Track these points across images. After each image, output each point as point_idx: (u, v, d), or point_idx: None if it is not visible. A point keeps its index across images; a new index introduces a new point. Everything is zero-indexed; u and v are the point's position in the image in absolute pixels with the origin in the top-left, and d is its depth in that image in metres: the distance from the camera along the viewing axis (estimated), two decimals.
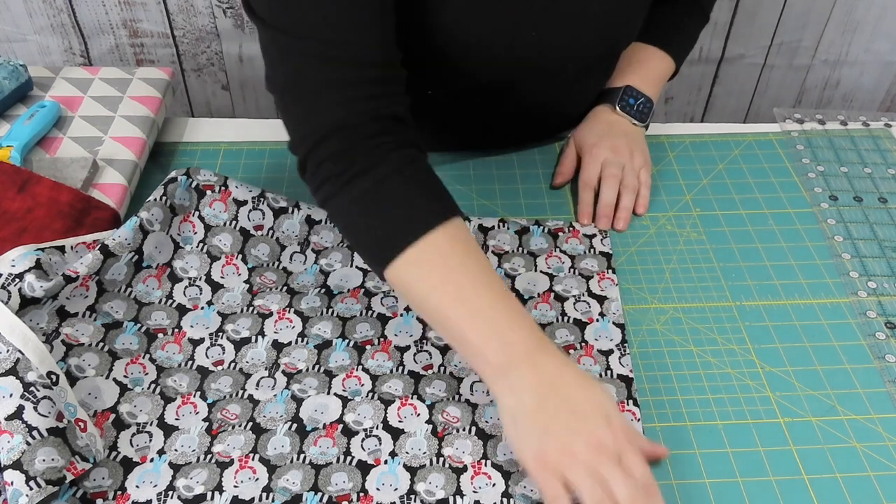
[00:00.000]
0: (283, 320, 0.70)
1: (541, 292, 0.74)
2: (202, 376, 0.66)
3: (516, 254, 0.77)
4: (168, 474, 0.60)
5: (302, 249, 0.76)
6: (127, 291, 0.69)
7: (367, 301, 0.72)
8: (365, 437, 0.63)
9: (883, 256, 0.80)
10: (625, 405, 0.65)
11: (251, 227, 0.75)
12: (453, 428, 0.63)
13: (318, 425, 0.63)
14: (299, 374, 0.67)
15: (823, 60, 1.43)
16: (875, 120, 0.97)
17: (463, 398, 0.66)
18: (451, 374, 0.67)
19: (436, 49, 0.72)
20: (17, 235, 0.71)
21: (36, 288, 0.62)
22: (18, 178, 0.75)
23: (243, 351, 0.68)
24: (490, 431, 0.63)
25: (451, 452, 0.62)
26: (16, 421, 0.56)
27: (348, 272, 0.75)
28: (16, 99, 0.89)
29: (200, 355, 0.68)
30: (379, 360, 0.68)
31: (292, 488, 0.59)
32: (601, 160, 0.85)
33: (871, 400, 0.68)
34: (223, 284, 0.73)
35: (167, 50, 1.34)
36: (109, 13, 1.28)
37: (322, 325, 0.70)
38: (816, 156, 0.92)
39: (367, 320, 0.71)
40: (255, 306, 0.71)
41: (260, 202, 0.76)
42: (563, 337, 0.70)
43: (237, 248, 0.74)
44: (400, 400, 0.65)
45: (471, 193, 0.86)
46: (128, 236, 0.69)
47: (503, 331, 0.58)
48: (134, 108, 0.89)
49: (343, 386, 0.66)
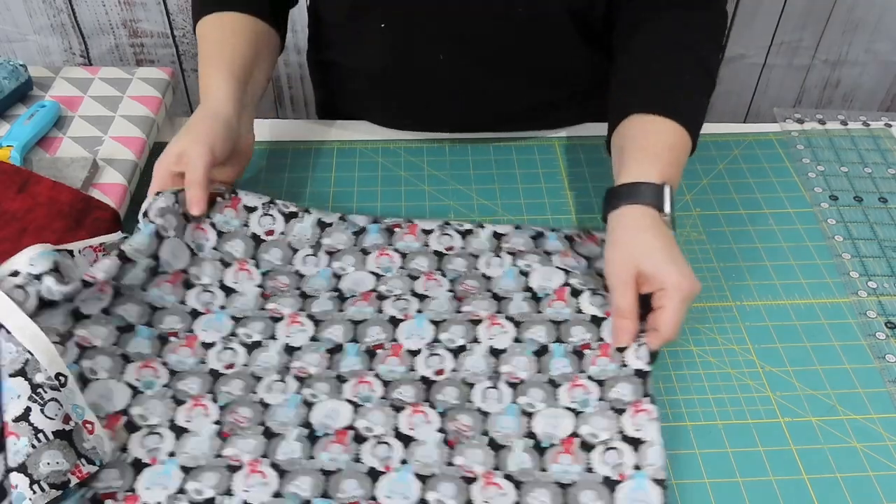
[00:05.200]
0: (294, 324, 0.70)
1: (555, 288, 0.72)
2: (213, 379, 0.66)
3: (531, 251, 0.76)
4: (178, 477, 0.59)
5: (314, 252, 0.76)
6: (141, 295, 0.69)
7: (379, 304, 0.72)
8: (376, 443, 0.62)
9: (883, 256, 0.80)
10: (640, 404, 0.64)
11: (262, 233, 0.75)
12: (465, 437, 0.63)
13: (328, 430, 0.63)
14: (310, 379, 0.66)
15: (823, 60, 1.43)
16: (875, 120, 0.97)
17: (475, 406, 0.65)
18: (463, 380, 0.66)
19: None
20: (17, 235, 0.71)
21: (55, 292, 0.62)
22: (18, 178, 0.75)
23: (254, 354, 0.68)
24: (501, 442, 0.63)
25: (462, 462, 0.61)
26: (23, 423, 0.56)
27: (361, 276, 0.74)
28: (16, 99, 0.89)
29: (212, 359, 0.67)
30: (391, 365, 0.67)
31: (302, 494, 0.59)
32: (684, 299, 0.65)
33: (871, 400, 0.68)
34: (236, 289, 0.72)
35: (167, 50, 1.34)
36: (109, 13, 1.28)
37: (333, 328, 0.70)
38: (816, 156, 0.92)
39: (378, 323, 0.70)
40: (267, 310, 0.71)
41: (270, 208, 0.76)
42: (580, 335, 0.69)
43: (249, 253, 0.74)
44: (411, 407, 0.64)
45: (471, 193, 0.86)
46: (144, 242, 0.69)
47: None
48: (134, 108, 0.89)
49: (354, 391, 0.65)
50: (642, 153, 0.71)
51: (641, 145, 0.72)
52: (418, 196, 0.85)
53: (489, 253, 0.76)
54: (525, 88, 0.90)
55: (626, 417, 0.63)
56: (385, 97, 0.93)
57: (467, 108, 0.91)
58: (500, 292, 0.72)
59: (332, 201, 0.84)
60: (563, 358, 0.67)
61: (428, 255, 0.76)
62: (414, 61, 0.87)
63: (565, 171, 0.89)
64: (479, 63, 0.86)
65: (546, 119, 0.94)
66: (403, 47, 0.86)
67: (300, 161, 0.89)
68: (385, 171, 0.89)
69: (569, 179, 0.88)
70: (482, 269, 0.75)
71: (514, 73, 0.88)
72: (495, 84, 0.89)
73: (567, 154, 0.92)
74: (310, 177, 0.87)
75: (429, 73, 0.88)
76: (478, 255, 0.76)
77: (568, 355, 0.68)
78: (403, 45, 0.86)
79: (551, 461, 0.61)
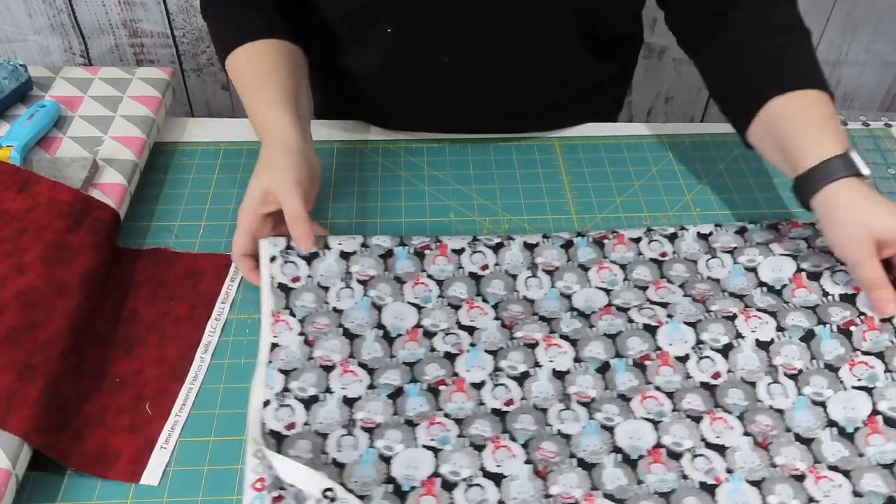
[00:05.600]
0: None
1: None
2: (499, 418, 0.65)
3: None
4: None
5: (534, 273, 0.75)
6: (392, 360, 0.68)
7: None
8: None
9: None
10: None
11: (478, 269, 0.75)
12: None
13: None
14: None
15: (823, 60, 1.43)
16: (875, 120, 0.97)
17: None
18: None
19: None
20: (17, 235, 0.71)
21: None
22: (18, 178, 0.75)
23: (527, 385, 0.66)
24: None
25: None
26: None
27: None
28: (16, 99, 0.89)
29: (488, 397, 0.66)
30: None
31: None
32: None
33: None
34: (476, 326, 0.71)
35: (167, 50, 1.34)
36: (109, 13, 1.28)
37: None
38: None
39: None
40: (517, 339, 0.70)
41: (476, 245, 0.76)
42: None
43: (473, 291, 0.74)
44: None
45: (471, 193, 0.86)
46: (363, 316, 0.70)
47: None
48: (134, 108, 0.89)
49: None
50: (812, 130, 0.71)
51: (806, 123, 0.72)
52: (418, 196, 0.85)
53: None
54: (528, 90, 0.90)
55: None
56: (387, 99, 0.93)
57: (470, 109, 0.91)
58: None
59: (331, 201, 0.84)
60: (832, 339, 0.68)
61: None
62: (417, 64, 0.87)
63: (565, 171, 0.89)
64: (483, 65, 0.86)
65: (547, 120, 0.94)
66: (407, 50, 0.85)
67: None
68: (385, 171, 0.89)
69: (569, 179, 0.88)
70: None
71: (517, 75, 0.88)
72: (498, 86, 0.89)
73: (567, 154, 0.92)
74: None
75: (432, 76, 0.88)
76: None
77: (836, 336, 0.68)
78: (407, 48, 0.85)
79: (863, 444, 0.62)
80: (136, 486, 0.61)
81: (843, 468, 0.60)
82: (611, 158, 0.91)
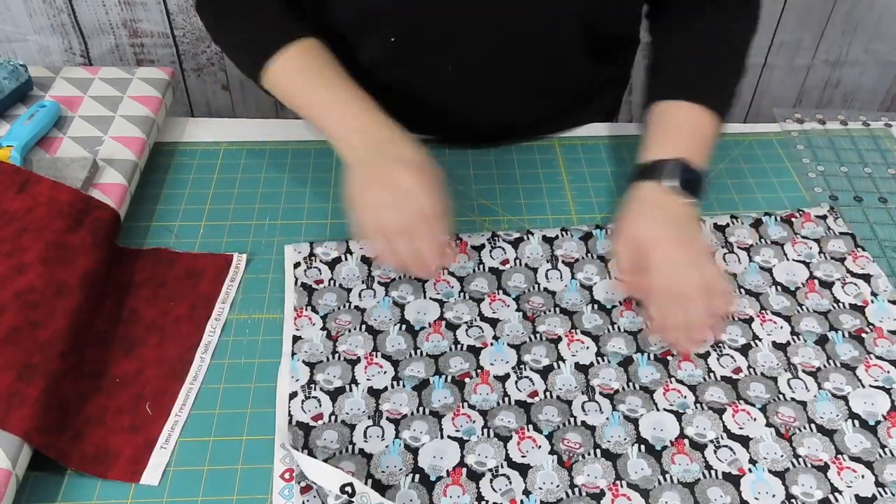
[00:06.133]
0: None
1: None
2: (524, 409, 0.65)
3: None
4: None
5: (554, 265, 0.76)
6: (417, 352, 0.69)
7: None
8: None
9: (883, 256, 0.80)
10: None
11: (498, 264, 0.76)
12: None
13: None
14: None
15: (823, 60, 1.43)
16: (875, 120, 0.97)
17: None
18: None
19: None
20: (17, 235, 0.71)
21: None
22: (18, 178, 0.75)
23: (551, 377, 0.67)
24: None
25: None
26: None
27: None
28: (16, 99, 0.89)
29: (512, 389, 0.67)
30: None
31: None
32: (675, 263, 0.69)
33: None
34: (499, 318, 0.72)
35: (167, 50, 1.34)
36: (109, 13, 1.28)
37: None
38: (816, 156, 0.92)
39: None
40: (539, 333, 0.71)
41: (496, 241, 0.78)
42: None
43: (494, 286, 0.75)
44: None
45: (470, 193, 0.86)
46: (385, 314, 0.72)
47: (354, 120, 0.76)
48: (134, 108, 0.89)
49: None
50: (663, 134, 0.78)
51: (664, 127, 0.78)
52: None
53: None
54: (531, 98, 0.90)
55: None
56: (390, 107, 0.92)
57: (473, 117, 0.91)
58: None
59: (331, 201, 0.84)
60: (845, 343, 0.70)
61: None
62: (422, 73, 0.87)
63: (565, 171, 0.89)
64: (487, 74, 0.85)
65: (547, 128, 0.94)
66: (411, 59, 0.85)
67: (300, 161, 0.89)
68: None
69: (569, 179, 0.88)
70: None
71: (522, 84, 0.88)
72: (502, 94, 0.89)
73: (567, 154, 0.92)
74: (310, 177, 0.87)
75: (436, 85, 0.87)
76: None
77: (848, 340, 0.70)
78: (412, 57, 0.85)
79: (885, 437, 0.63)
80: (136, 486, 0.61)
81: (865, 459, 0.62)
82: (611, 158, 0.91)
